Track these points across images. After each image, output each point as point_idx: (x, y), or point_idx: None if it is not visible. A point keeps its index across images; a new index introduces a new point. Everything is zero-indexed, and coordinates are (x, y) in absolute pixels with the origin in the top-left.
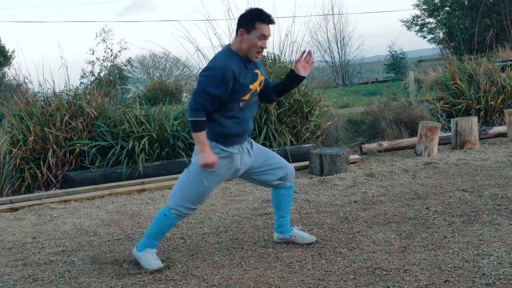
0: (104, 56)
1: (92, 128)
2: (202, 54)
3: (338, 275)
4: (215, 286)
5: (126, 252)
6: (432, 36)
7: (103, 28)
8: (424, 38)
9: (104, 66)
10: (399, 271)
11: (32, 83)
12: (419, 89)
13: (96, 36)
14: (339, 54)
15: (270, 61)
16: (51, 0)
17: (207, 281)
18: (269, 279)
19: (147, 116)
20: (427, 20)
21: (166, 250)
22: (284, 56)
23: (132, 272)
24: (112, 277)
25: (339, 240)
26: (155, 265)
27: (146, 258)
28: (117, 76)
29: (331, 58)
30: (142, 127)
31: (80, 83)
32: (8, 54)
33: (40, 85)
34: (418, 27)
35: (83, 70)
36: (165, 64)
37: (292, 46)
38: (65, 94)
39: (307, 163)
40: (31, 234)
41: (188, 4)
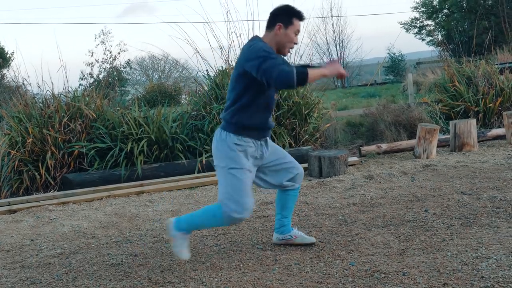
0: (103, 58)
1: (90, 130)
2: (201, 56)
3: (337, 278)
4: None
5: (124, 254)
6: (430, 38)
7: (102, 30)
8: (423, 40)
9: (103, 68)
10: (397, 274)
11: (31, 85)
12: (417, 91)
13: (95, 38)
14: (338, 56)
15: None
16: (50, 2)
17: (205, 283)
18: (267, 282)
19: (145, 118)
20: (426, 22)
21: (164, 253)
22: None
23: (131, 275)
24: (110, 279)
25: (338, 243)
26: (185, 255)
27: (180, 243)
28: (116, 78)
29: (330, 60)
30: (141, 129)
31: (79, 85)
32: (7, 56)
33: (39, 86)
34: (416, 30)
35: (82, 72)
36: (164, 66)
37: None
38: (63, 96)
39: (305, 165)
40: (29, 236)
41: (187, 6)
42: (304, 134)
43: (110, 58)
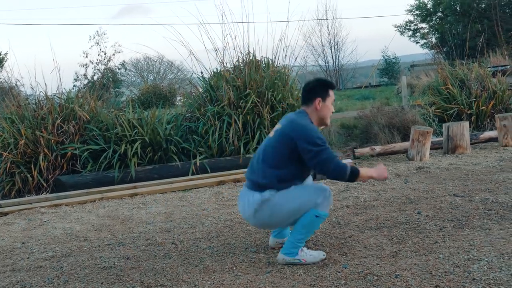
0: (97, 59)
1: (84, 131)
2: (196, 58)
3: (330, 281)
4: None
5: (116, 257)
6: (424, 41)
7: (97, 31)
8: (417, 43)
9: (98, 69)
10: (390, 276)
11: (24, 86)
12: (411, 94)
13: (90, 39)
14: (333, 59)
15: (264, 65)
16: (45, 2)
17: (197, 286)
18: (260, 285)
19: (139, 120)
20: (420, 25)
21: (157, 256)
22: (278, 61)
23: (123, 278)
24: (102, 283)
25: (331, 245)
26: (320, 254)
27: (308, 255)
28: (110, 79)
29: (325, 63)
30: (135, 131)
31: (73, 86)
32: (1, 57)
33: (32, 88)
34: (411, 32)
35: (76, 73)
36: (159, 68)
37: (286, 51)
38: (57, 97)
39: None
40: (21, 239)
41: (182, 8)
42: None
43: (105, 59)
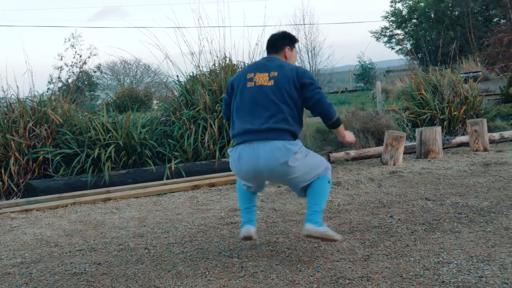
0: (72, 62)
1: (57, 135)
2: (171, 61)
3: (302, 285)
4: None
5: (87, 263)
6: (400, 47)
7: (73, 34)
8: (392, 49)
9: (73, 72)
10: (361, 280)
11: None
12: (386, 99)
13: (65, 42)
14: (310, 63)
15: (240, 69)
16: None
17: None
18: None
19: (114, 124)
20: (395, 31)
21: (129, 261)
22: None
23: (93, 284)
24: None
25: (304, 249)
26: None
27: (329, 229)
28: (85, 82)
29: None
30: (109, 135)
31: (47, 89)
32: None
33: (3, 91)
34: (386, 38)
35: (50, 76)
36: (136, 71)
37: (262, 55)
38: (29, 100)
39: None
40: None
41: (159, 11)
42: None
43: (80, 62)
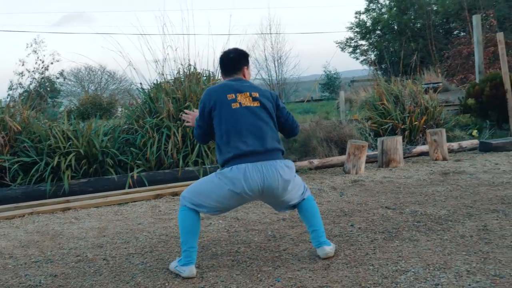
0: (34, 68)
1: (15, 143)
2: (135, 68)
3: None
4: None
5: (43, 275)
6: (364, 57)
7: (35, 39)
8: (357, 59)
9: (34, 78)
10: None
11: None
12: (350, 108)
13: (27, 47)
14: (276, 73)
15: (205, 78)
16: None
17: None
18: None
19: (75, 131)
20: (360, 42)
21: (87, 272)
22: (219, 73)
23: None
24: None
25: (265, 259)
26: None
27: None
28: (47, 89)
29: (268, 76)
30: (69, 143)
31: (8, 95)
32: None
33: None
34: (351, 49)
35: (11, 82)
36: (100, 78)
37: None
38: None
39: None
40: None
41: (123, 18)
42: None
43: (42, 67)
